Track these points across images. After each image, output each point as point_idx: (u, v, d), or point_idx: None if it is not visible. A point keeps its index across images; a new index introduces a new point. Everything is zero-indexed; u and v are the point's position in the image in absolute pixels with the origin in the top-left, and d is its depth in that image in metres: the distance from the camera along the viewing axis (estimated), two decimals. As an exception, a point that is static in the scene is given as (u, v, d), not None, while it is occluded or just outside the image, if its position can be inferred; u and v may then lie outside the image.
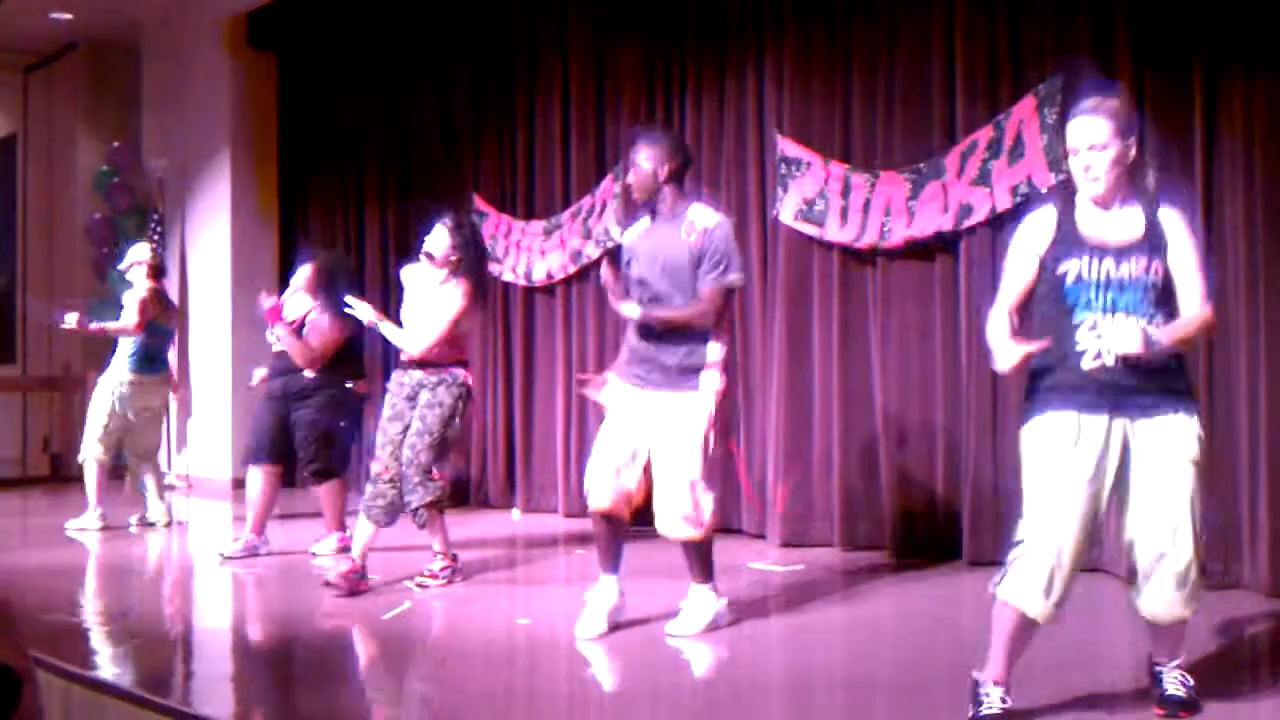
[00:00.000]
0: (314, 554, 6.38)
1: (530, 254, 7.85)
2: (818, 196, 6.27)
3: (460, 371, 5.56)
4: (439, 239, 5.54)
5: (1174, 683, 3.43)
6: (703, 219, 4.48)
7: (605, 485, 4.48)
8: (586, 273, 7.52)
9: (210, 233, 9.83)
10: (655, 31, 7.21)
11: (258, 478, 6.46)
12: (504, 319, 8.14)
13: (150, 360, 7.44)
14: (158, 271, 7.64)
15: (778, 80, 6.55)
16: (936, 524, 5.93)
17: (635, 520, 4.62)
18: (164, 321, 7.56)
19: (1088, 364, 3.33)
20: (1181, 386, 3.41)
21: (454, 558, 5.61)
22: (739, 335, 6.69)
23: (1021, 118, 5.51)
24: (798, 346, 6.44)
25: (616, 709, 3.93)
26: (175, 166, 10.04)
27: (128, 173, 10.45)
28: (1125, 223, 3.40)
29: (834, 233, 6.20)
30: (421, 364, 5.51)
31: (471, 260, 5.53)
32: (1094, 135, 3.36)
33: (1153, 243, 3.37)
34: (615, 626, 4.52)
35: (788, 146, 6.40)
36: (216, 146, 9.77)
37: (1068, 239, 3.41)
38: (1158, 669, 3.49)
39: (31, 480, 10.47)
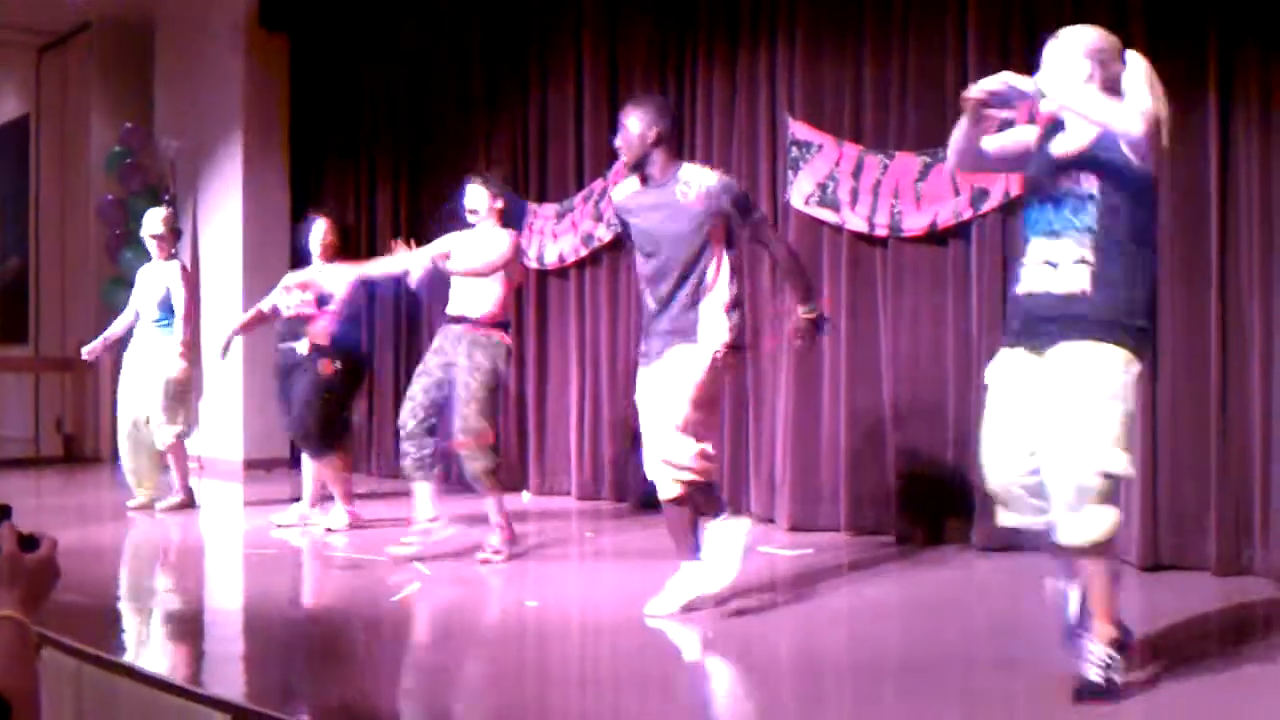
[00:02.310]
0: (328, 529, 6.47)
1: (542, 237, 7.84)
2: (828, 179, 6.26)
3: (500, 334, 5.63)
4: (477, 195, 5.70)
5: (1095, 664, 3.30)
6: (699, 179, 4.46)
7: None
8: (598, 255, 7.53)
9: (222, 214, 9.84)
10: (667, 13, 7.19)
11: (308, 462, 6.68)
12: (516, 302, 8.14)
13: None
14: (178, 236, 7.80)
15: (789, 62, 6.53)
16: (945, 508, 5.92)
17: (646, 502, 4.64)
18: None
19: (1020, 289, 3.44)
20: (1091, 314, 3.28)
21: (511, 529, 5.66)
22: (748, 319, 6.68)
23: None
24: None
25: (621, 692, 3.94)
26: (188, 147, 10.05)
27: (140, 153, 10.45)
28: (1080, 135, 3.36)
29: (848, 216, 6.18)
30: (462, 319, 5.60)
31: (511, 210, 5.77)
32: (1048, 53, 3.43)
33: (1096, 151, 3.31)
34: (688, 609, 4.47)
35: (799, 130, 6.39)
36: (229, 128, 9.78)
37: (1037, 155, 3.47)
38: (1079, 636, 3.37)
39: (44, 460, 10.52)
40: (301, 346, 6.43)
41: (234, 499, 8.32)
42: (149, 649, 4.41)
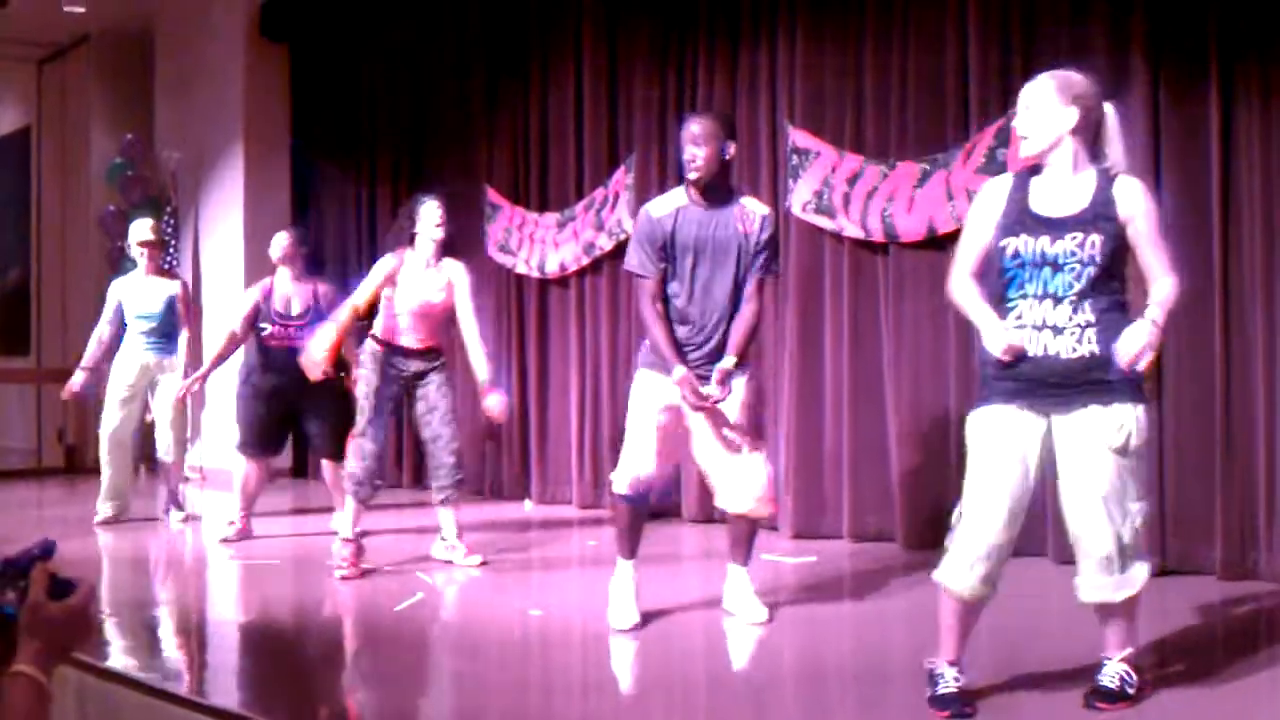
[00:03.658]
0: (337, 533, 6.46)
1: (544, 246, 7.84)
2: (823, 185, 6.26)
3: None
4: (433, 215, 5.66)
5: (1110, 675, 3.37)
6: (756, 208, 4.47)
7: (654, 479, 4.49)
8: (599, 264, 7.53)
9: (224, 224, 9.85)
10: (668, 22, 7.20)
11: (252, 469, 6.68)
12: (518, 311, 8.15)
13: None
14: (166, 246, 7.75)
15: (790, 70, 6.53)
16: (948, 515, 5.88)
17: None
18: None
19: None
20: (1104, 376, 3.24)
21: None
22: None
23: (1034, 107, 5.48)
24: (809, 337, 6.43)
25: (628, 701, 3.93)
26: (188, 158, 10.06)
27: (141, 165, 10.46)
28: (1073, 196, 3.30)
29: (844, 223, 6.18)
30: (425, 352, 5.70)
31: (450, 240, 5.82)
32: (1029, 96, 3.36)
33: (1095, 216, 3.25)
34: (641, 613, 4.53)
35: (799, 137, 6.39)
36: (229, 138, 9.78)
37: (1014, 212, 3.36)
38: (1103, 660, 3.42)
39: (46, 471, 10.51)
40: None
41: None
42: (150, 660, 4.39)
